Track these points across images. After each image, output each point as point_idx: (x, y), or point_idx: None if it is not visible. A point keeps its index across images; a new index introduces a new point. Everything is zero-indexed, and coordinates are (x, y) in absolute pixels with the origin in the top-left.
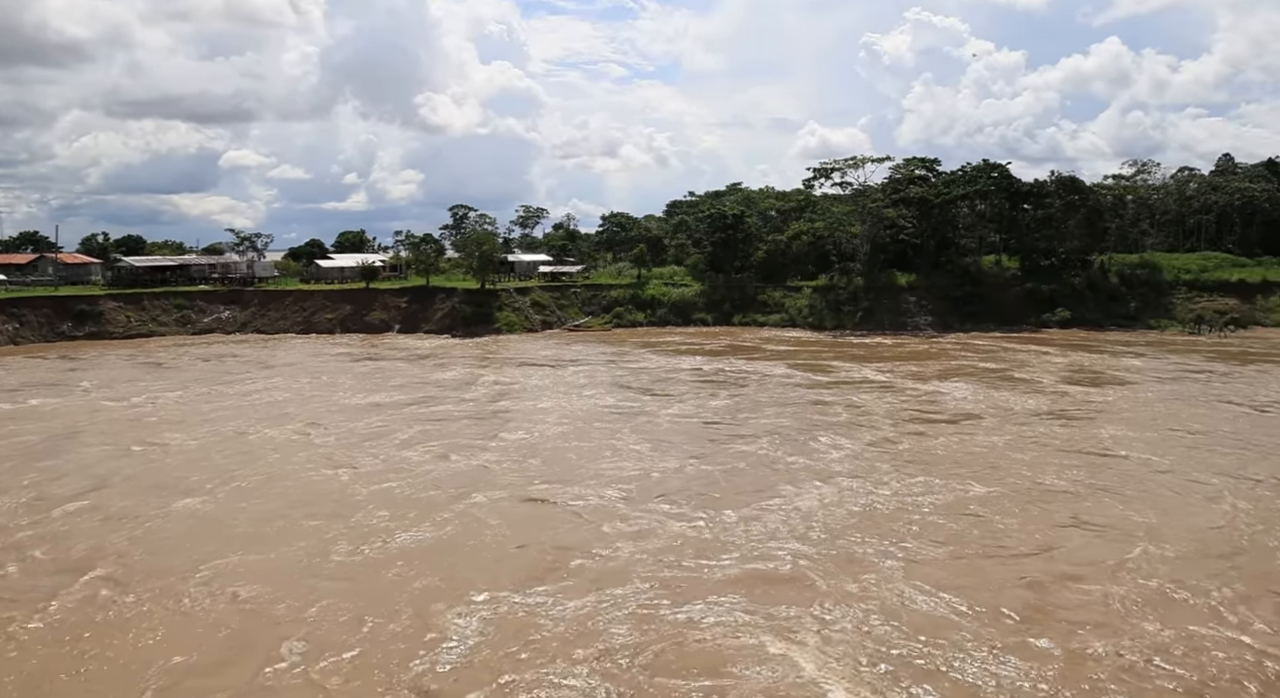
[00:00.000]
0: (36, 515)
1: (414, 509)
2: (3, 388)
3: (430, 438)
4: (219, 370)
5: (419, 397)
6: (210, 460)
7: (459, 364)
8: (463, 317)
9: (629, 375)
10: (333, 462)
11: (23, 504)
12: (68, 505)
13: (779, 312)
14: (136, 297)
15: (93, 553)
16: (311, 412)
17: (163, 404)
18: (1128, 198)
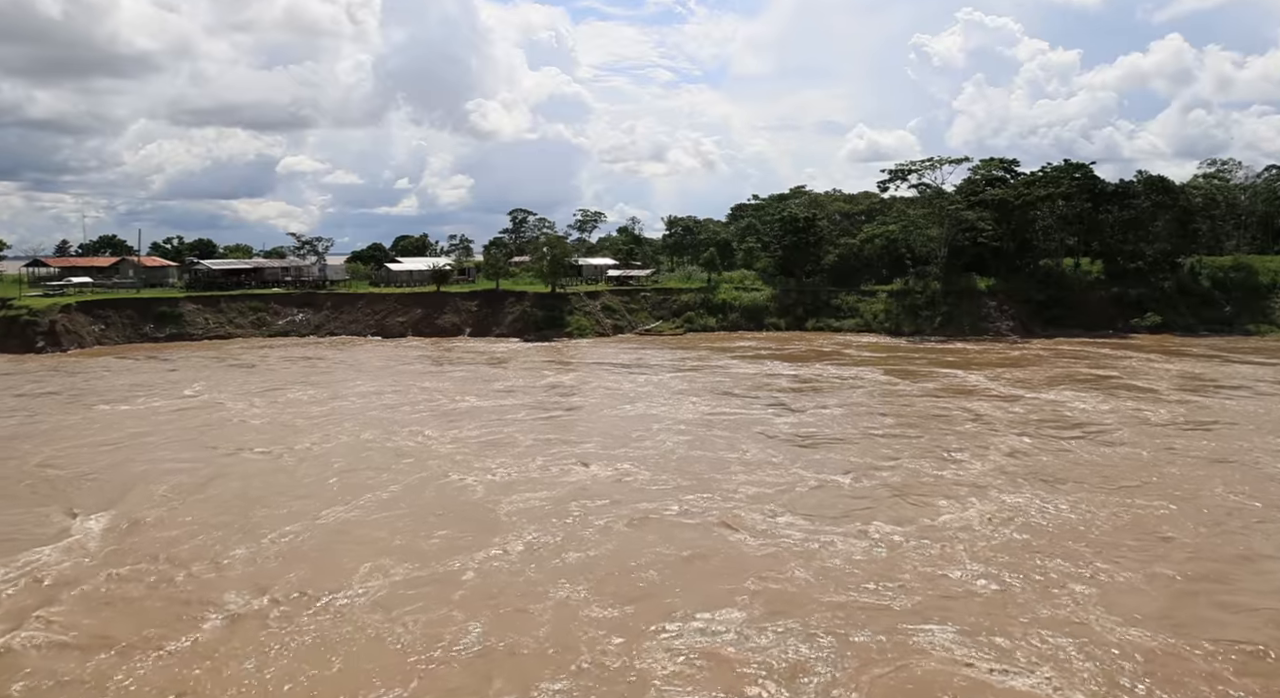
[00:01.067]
0: (193, 526)
1: (564, 524)
2: (116, 390)
3: (550, 445)
4: (312, 374)
5: (521, 401)
6: (342, 467)
7: (545, 369)
8: (534, 321)
9: (724, 381)
10: (464, 470)
11: (176, 514)
12: (224, 517)
13: (853, 316)
14: (214, 299)
15: (258, 570)
16: (421, 416)
17: (276, 408)
18: (1218, 198)
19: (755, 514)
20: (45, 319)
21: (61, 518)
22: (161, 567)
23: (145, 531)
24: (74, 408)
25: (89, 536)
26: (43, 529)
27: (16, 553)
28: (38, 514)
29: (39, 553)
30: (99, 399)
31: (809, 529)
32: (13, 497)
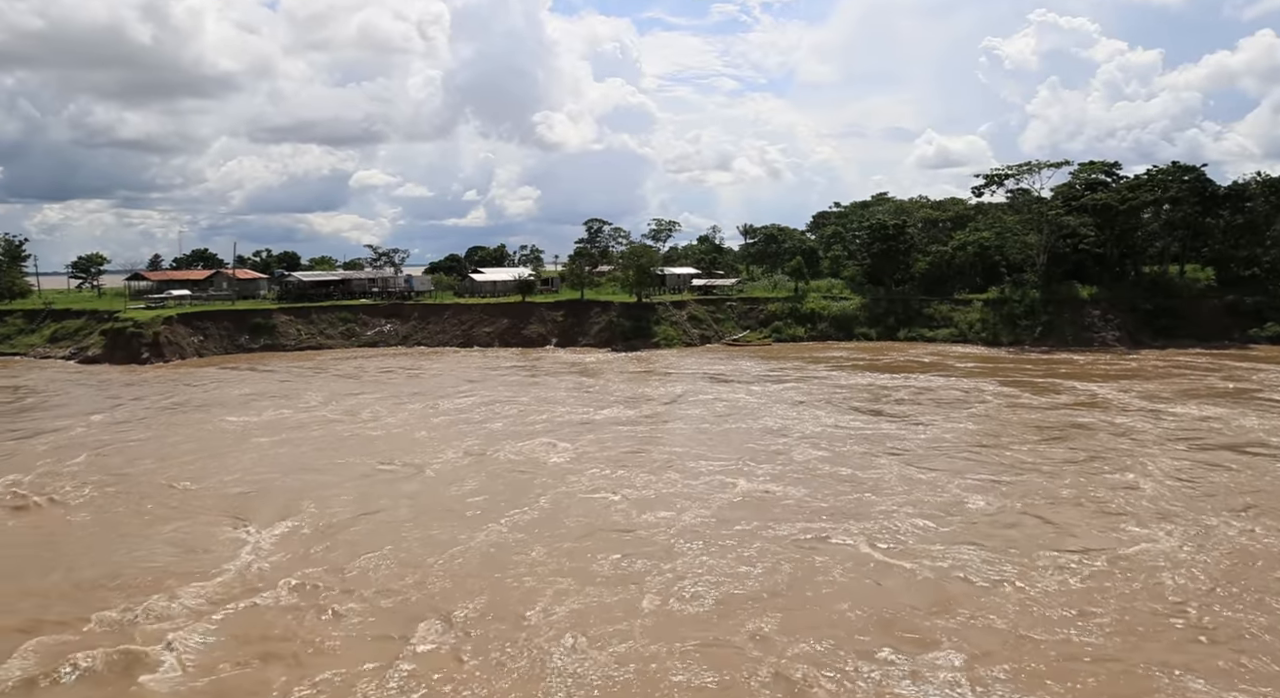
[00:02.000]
0: (355, 547)
1: (731, 548)
2: (235, 401)
3: (685, 459)
4: (415, 384)
5: (638, 412)
6: (480, 483)
7: (645, 379)
8: (621, 331)
9: (836, 393)
10: (605, 486)
11: (335, 533)
12: (383, 537)
13: (946, 326)
14: (305, 311)
15: (435, 596)
16: (539, 429)
17: (395, 419)
18: None
19: (934, 544)
20: (149, 331)
21: (231, 536)
22: (340, 595)
23: (311, 552)
24: (201, 420)
25: (260, 556)
26: (215, 550)
27: (201, 568)
28: (207, 532)
29: (225, 569)
30: (223, 411)
31: (989, 557)
32: (179, 512)
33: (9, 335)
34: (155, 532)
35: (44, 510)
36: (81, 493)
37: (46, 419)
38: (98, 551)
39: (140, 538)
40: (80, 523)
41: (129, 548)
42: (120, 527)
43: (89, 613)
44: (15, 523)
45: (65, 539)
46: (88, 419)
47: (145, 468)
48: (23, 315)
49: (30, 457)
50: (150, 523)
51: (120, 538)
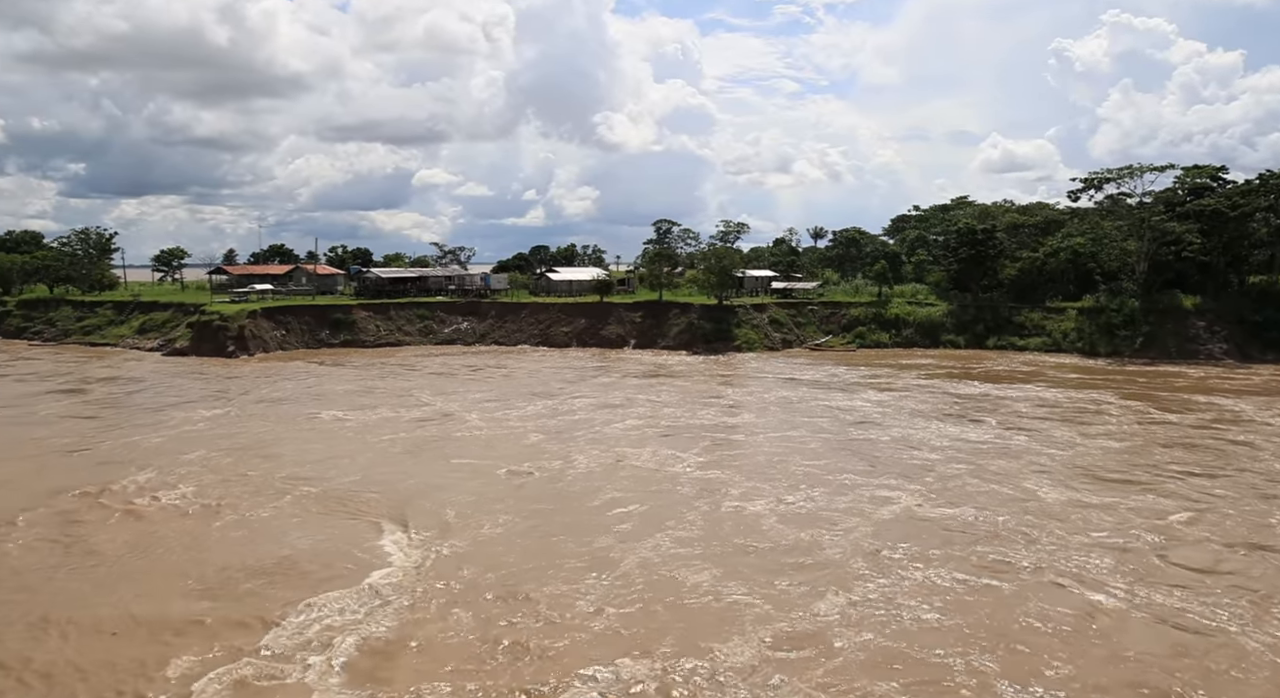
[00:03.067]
0: (502, 561)
1: (900, 573)
2: (333, 396)
3: (823, 471)
4: (512, 383)
5: (748, 420)
6: (614, 494)
7: (733, 383)
8: (702, 333)
9: (950, 402)
10: (749, 498)
11: (477, 546)
12: (530, 552)
13: (1038, 335)
14: (383, 307)
15: (611, 626)
16: (651, 433)
17: (506, 421)
18: None
19: (1136, 579)
20: (234, 324)
21: (376, 542)
22: (516, 618)
23: (467, 569)
24: (310, 416)
25: (413, 563)
26: (363, 556)
27: (351, 573)
28: (351, 536)
29: (382, 577)
30: (329, 407)
31: (1209, 599)
32: (316, 513)
33: (100, 326)
34: (298, 534)
35: (183, 510)
36: (214, 492)
37: (161, 411)
38: (246, 552)
39: (284, 541)
40: (225, 524)
41: (275, 549)
42: (264, 529)
43: (252, 618)
44: (160, 523)
45: (212, 541)
46: (201, 413)
47: (268, 466)
48: (112, 307)
49: (157, 452)
50: (292, 524)
51: (264, 540)
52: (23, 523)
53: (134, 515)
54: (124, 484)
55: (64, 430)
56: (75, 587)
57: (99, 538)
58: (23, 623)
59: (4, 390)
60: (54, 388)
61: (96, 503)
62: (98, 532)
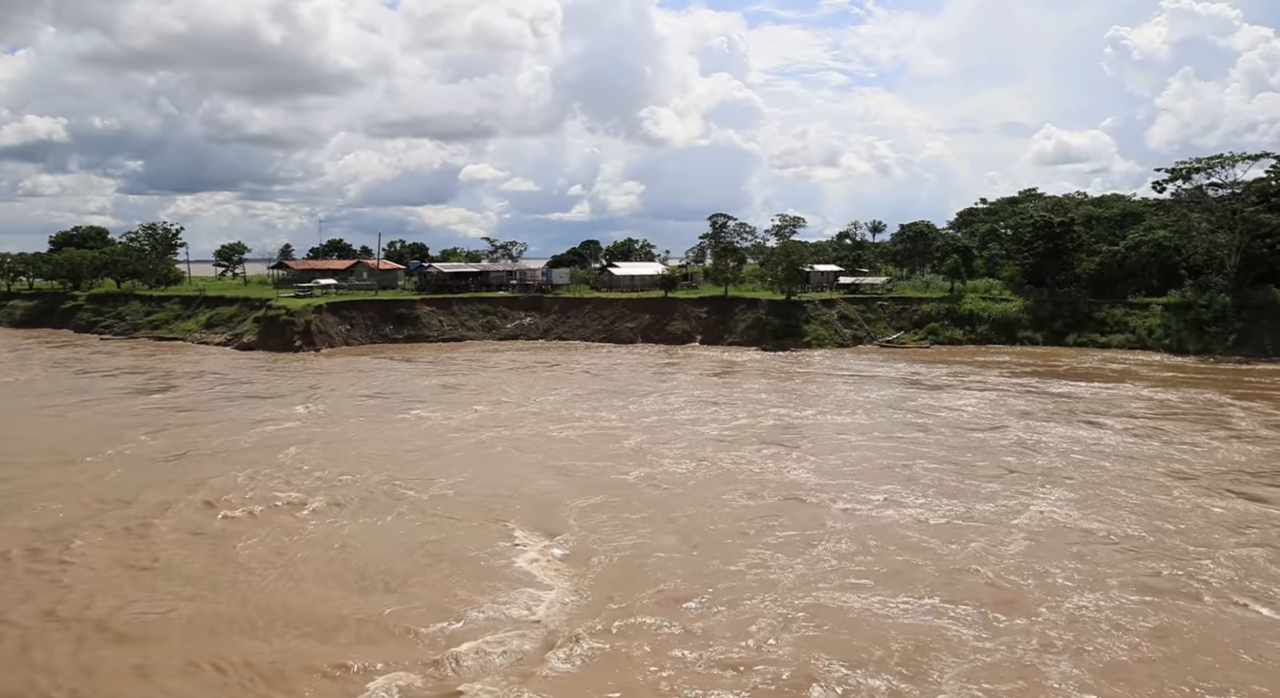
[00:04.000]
0: (639, 584)
1: (1079, 600)
2: (422, 392)
3: (951, 476)
4: (594, 381)
5: (857, 420)
6: (743, 503)
7: (825, 380)
8: (771, 329)
9: (1054, 403)
10: (883, 506)
11: (612, 558)
12: (679, 567)
13: (1121, 332)
14: (446, 302)
15: (806, 657)
16: (757, 435)
17: (602, 421)
18: None
19: None
20: (301, 320)
21: (508, 549)
22: (674, 654)
23: (608, 585)
24: (402, 414)
25: (553, 594)
26: (499, 568)
27: (493, 586)
28: (480, 542)
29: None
30: (418, 405)
31: None
32: (439, 519)
33: (167, 321)
34: (425, 542)
35: (315, 513)
36: (335, 493)
37: (254, 408)
38: (378, 561)
39: (411, 547)
40: (350, 531)
41: (405, 558)
42: (388, 536)
43: (412, 631)
44: (294, 526)
45: (342, 548)
46: (295, 410)
47: (379, 466)
48: (179, 301)
49: (266, 450)
50: (426, 531)
51: (392, 548)
52: (164, 528)
53: (262, 519)
54: (245, 485)
55: (167, 429)
56: (246, 589)
57: (244, 542)
58: (221, 625)
59: (99, 386)
60: (145, 385)
61: (222, 505)
62: (240, 536)
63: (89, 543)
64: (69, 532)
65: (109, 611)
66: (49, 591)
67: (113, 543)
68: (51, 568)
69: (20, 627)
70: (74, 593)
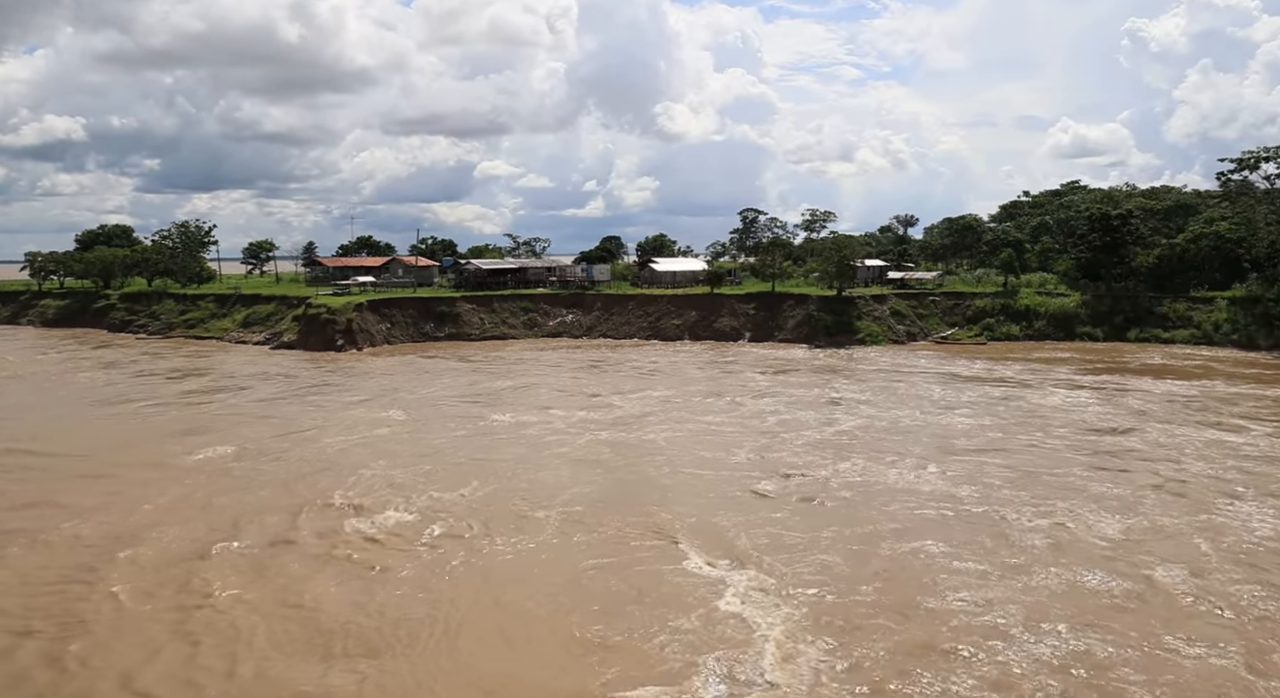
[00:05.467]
0: (848, 607)
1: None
2: (495, 394)
3: (1124, 490)
4: (665, 378)
5: (977, 422)
6: (902, 520)
7: (906, 378)
8: (823, 326)
9: (1153, 402)
10: (1039, 516)
11: (820, 590)
12: (874, 594)
13: (1184, 327)
14: (486, 299)
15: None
16: (874, 438)
17: (705, 422)
18: None
19: None
20: (342, 318)
21: (690, 581)
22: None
23: (818, 624)
24: (475, 417)
25: (766, 631)
26: (696, 604)
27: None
28: (642, 561)
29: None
30: (495, 409)
31: None
32: (602, 538)
33: (202, 319)
34: (589, 574)
35: (432, 544)
36: (454, 517)
37: (337, 412)
38: (555, 603)
39: (578, 583)
40: (500, 563)
41: (577, 599)
42: (548, 570)
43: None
44: (430, 568)
45: (504, 586)
46: (380, 414)
47: (486, 480)
48: (214, 300)
49: (362, 463)
50: (588, 552)
51: (561, 585)
52: (295, 565)
53: (394, 550)
54: (363, 505)
55: (254, 436)
56: (427, 653)
57: (391, 588)
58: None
59: (166, 390)
60: (213, 385)
61: (349, 538)
62: (383, 578)
63: (215, 578)
64: (191, 569)
65: (267, 683)
66: (177, 645)
67: (247, 583)
68: (174, 613)
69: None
70: (205, 649)
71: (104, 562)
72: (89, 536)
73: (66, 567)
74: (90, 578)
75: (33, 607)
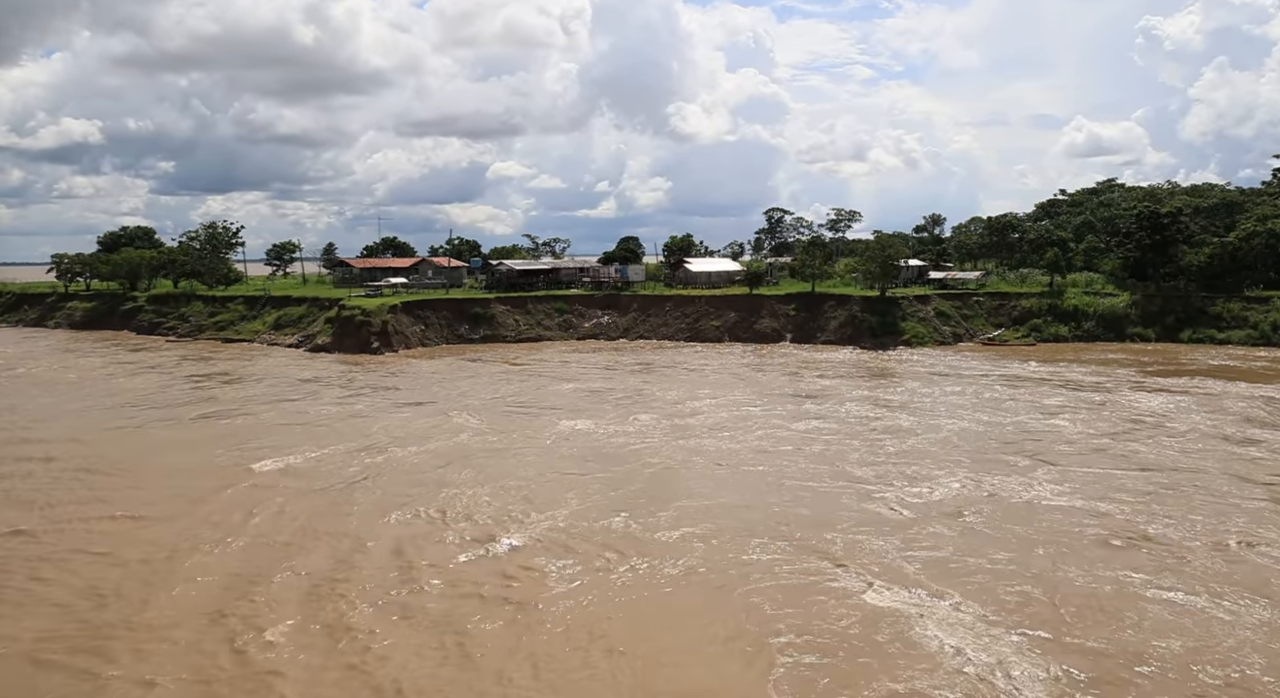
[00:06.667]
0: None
1: None
2: (556, 398)
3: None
4: (726, 380)
5: (1089, 429)
6: (1104, 553)
7: (972, 381)
8: (867, 327)
9: (1261, 407)
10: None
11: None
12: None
13: (1240, 327)
14: (520, 301)
15: None
16: (995, 448)
17: (790, 428)
18: None
19: None
20: (377, 320)
21: (899, 630)
22: None
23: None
24: (547, 424)
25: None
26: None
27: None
28: (815, 598)
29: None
30: (560, 414)
31: None
32: (771, 564)
33: (232, 321)
34: (777, 602)
35: (546, 581)
36: (560, 544)
37: (409, 419)
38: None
39: (777, 617)
40: (649, 600)
41: (795, 631)
42: (730, 598)
43: None
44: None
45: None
46: (456, 421)
47: (583, 496)
48: (243, 302)
49: (448, 475)
50: (751, 587)
51: (752, 617)
52: (430, 578)
53: (526, 580)
54: (462, 529)
55: (326, 452)
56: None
57: (526, 598)
58: None
59: (230, 395)
60: (266, 393)
61: (460, 551)
62: (523, 593)
63: (360, 620)
64: (328, 608)
65: None
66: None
67: (396, 628)
68: (344, 672)
69: None
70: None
71: (237, 603)
72: (211, 569)
73: (199, 611)
74: (236, 627)
75: (163, 667)
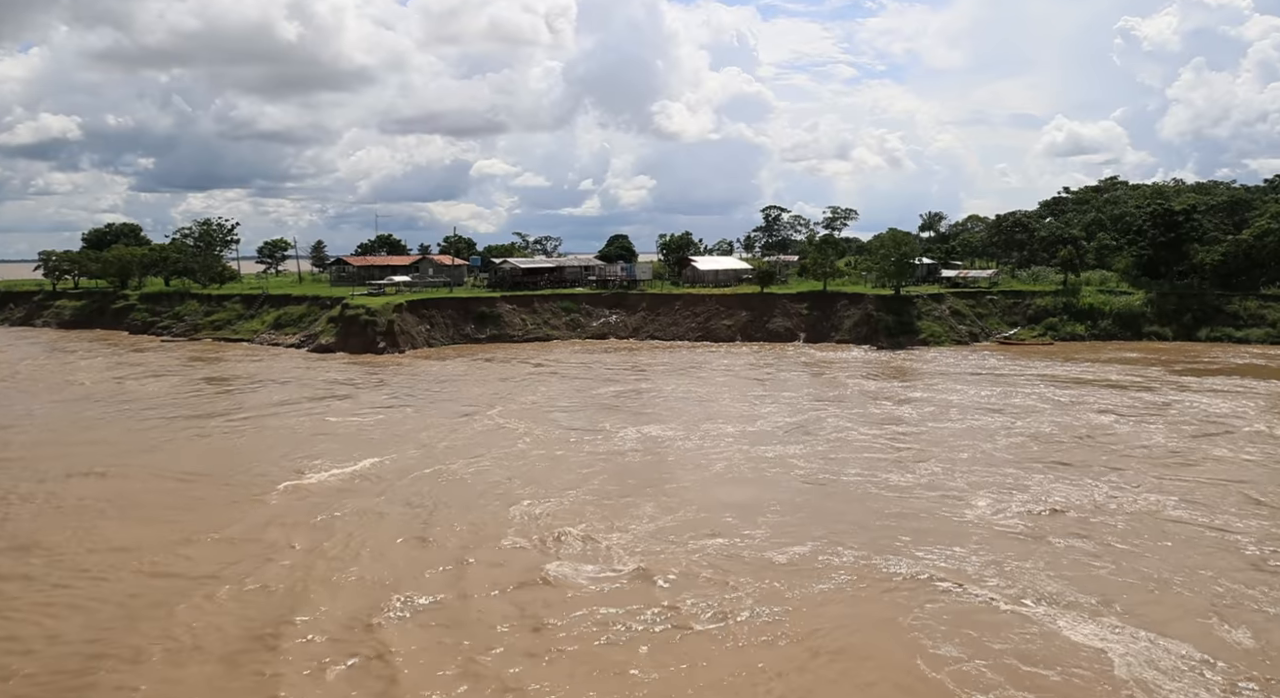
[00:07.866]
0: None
1: None
2: (606, 402)
3: None
4: (756, 383)
5: (1168, 442)
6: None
7: (1013, 383)
8: (883, 326)
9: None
10: None
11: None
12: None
13: (1257, 325)
14: (526, 300)
15: None
16: (1058, 459)
17: (860, 436)
18: None
19: None
20: (382, 319)
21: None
22: None
23: None
24: (594, 432)
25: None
26: None
27: None
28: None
29: None
30: (602, 414)
31: None
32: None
33: (229, 320)
34: (936, 636)
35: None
36: (685, 565)
37: (461, 424)
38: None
39: (945, 655)
40: (815, 625)
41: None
42: (882, 626)
43: None
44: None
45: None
46: (524, 427)
47: (685, 514)
48: (240, 300)
49: (529, 496)
50: (896, 612)
51: (912, 649)
52: (530, 607)
53: (629, 608)
54: (544, 551)
55: (371, 463)
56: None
57: (639, 632)
58: None
59: (251, 401)
60: (291, 397)
61: (549, 576)
62: (629, 622)
63: (491, 662)
64: (456, 649)
65: None
66: None
67: (531, 673)
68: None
69: None
70: None
71: (355, 641)
72: (332, 627)
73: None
74: (370, 669)
75: None
